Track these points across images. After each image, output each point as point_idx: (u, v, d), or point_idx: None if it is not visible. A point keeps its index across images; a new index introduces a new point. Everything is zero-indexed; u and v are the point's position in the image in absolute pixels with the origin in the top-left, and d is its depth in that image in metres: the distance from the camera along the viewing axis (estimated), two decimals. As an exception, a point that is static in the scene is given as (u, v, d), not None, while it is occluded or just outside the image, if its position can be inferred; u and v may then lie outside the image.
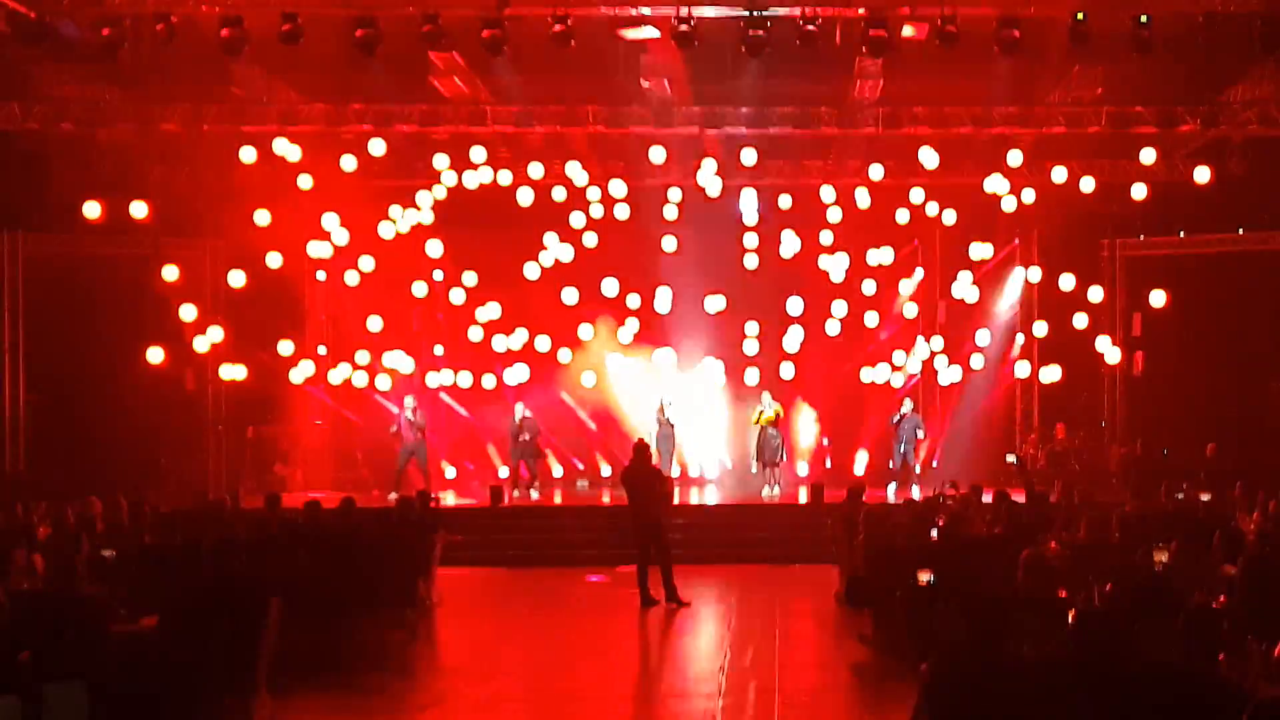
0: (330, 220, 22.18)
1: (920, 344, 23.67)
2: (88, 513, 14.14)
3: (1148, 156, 21.02)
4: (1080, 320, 22.30)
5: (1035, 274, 23.32)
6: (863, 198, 22.14)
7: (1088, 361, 23.47)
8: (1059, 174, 21.39)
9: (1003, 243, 23.55)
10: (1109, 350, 22.77)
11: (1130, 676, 6.26)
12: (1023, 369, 23.48)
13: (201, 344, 21.61)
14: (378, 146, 20.91)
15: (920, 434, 22.32)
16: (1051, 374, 23.06)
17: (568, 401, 23.81)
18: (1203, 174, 20.48)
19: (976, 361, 23.30)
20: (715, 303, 23.14)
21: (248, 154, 20.67)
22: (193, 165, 21.44)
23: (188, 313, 21.48)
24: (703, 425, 23.95)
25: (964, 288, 22.83)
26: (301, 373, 22.94)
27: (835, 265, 22.93)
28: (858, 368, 23.60)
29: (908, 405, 22.31)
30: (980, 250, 22.81)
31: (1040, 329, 23.10)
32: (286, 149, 20.84)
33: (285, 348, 22.44)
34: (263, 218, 21.45)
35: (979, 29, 16.58)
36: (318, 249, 22.57)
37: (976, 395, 23.85)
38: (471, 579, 17.58)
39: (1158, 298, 22.25)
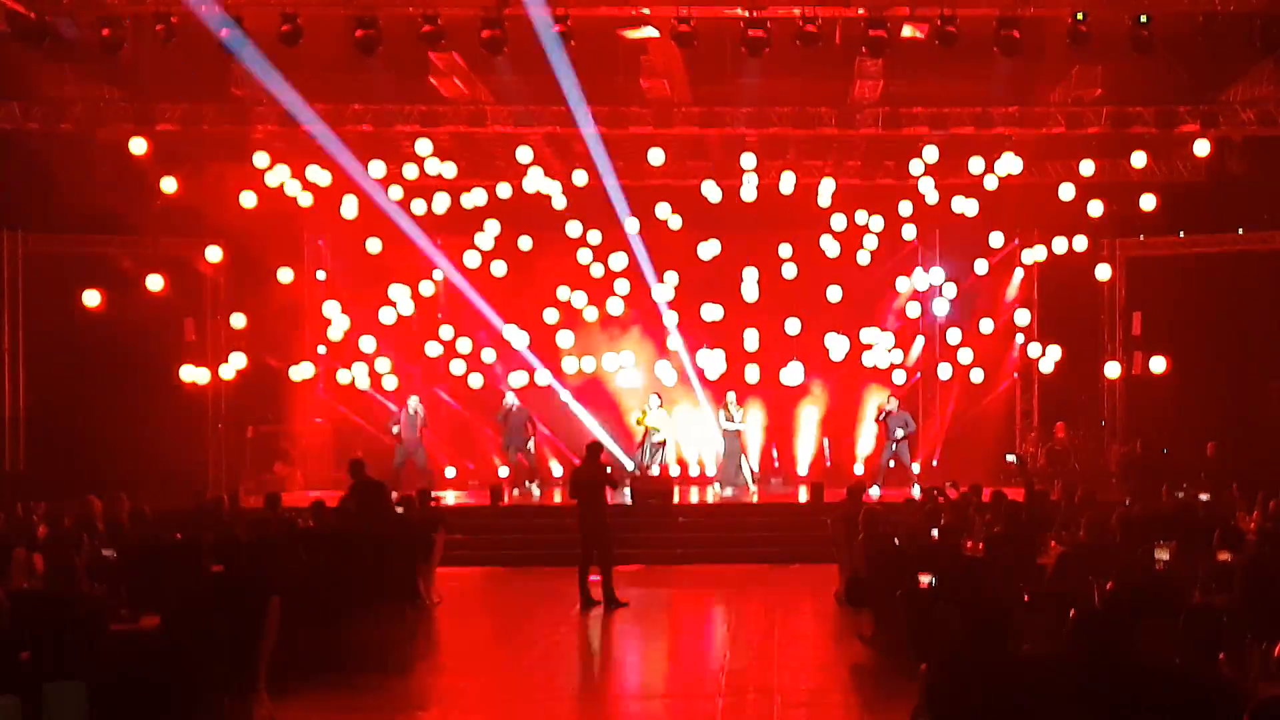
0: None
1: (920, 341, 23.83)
2: (87, 513, 14.14)
3: (1139, 161, 21.06)
4: (1080, 251, 22.38)
5: (1039, 252, 23.24)
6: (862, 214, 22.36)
7: (1088, 360, 23.53)
8: (1066, 191, 21.50)
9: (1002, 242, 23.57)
10: (1109, 366, 23.02)
11: (1130, 676, 6.26)
12: (1033, 350, 23.39)
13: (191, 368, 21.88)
14: (378, 168, 21.22)
15: (903, 430, 22.14)
16: (1053, 355, 22.99)
17: (568, 400, 23.82)
18: (1202, 147, 20.42)
19: (976, 374, 23.37)
20: (713, 311, 23.16)
21: (254, 192, 21.13)
22: (192, 165, 21.43)
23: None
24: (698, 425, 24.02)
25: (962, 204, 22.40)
26: (301, 372, 22.99)
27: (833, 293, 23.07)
28: (858, 366, 23.60)
29: (893, 403, 22.27)
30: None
31: (1036, 254, 23.07)
32: (299, 193, 21.42)
33: (285, 275, 22.42)
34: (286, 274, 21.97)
35: (979, 29, 16.59)
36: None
37: (977, 393, 23.88)
38: (471, 579, 17.59)
39: (1158, 364, 22.30)
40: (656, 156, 20.99)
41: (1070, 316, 23.55)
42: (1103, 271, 23.04)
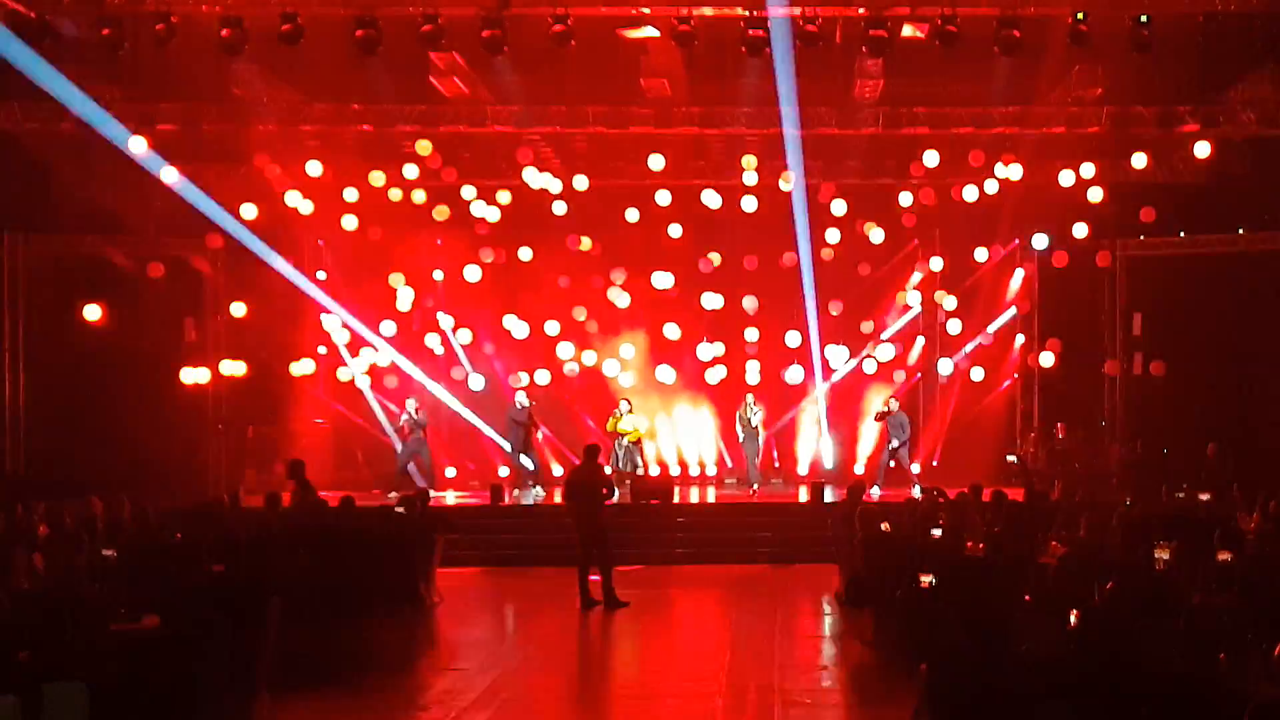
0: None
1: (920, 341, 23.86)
2: (88, 513, 14.15)
3: (1139, 162, 21.03)
4: (1081, 237, 22.23)
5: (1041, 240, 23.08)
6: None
7: (1088, 361, 23.51)
8: (1066, 177, 21.37)
9: (1002, 242, 23.56)
10: (1109, 366, 23.02)
11: (1130, 676, 6.26)
12: (1046, 359, 23.27)
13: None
14: (378, 178, 21.29)
15: (905, 431, 22.09)
16: (1052, 349, 22.96)
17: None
18: (1203, 149, 20.39)
19: (976, 373, 23.35)
20: (713, 299, 23.16)
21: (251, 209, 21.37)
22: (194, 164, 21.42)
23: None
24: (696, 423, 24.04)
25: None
26: (302, 368, 22.97)
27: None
28: (858, 367, 23.58)
29: (893, 404, 22.27)
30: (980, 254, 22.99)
31: (1040, 241, 22.96)
32: (299, 202, 21.54)
33: (284, 266, 22.35)
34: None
35: (979, 29, 16.59)
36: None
37: (977, 393, 23.89)
38: (471, 579, 17.59)
39: (1159, 369, 22.30)
40: (657, 162, 21.02)
41: (1070, 317, 23.53)
42: (1103, 258, 22.92)
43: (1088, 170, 21.38)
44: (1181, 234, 23.28)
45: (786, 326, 23.30)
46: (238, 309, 22.39)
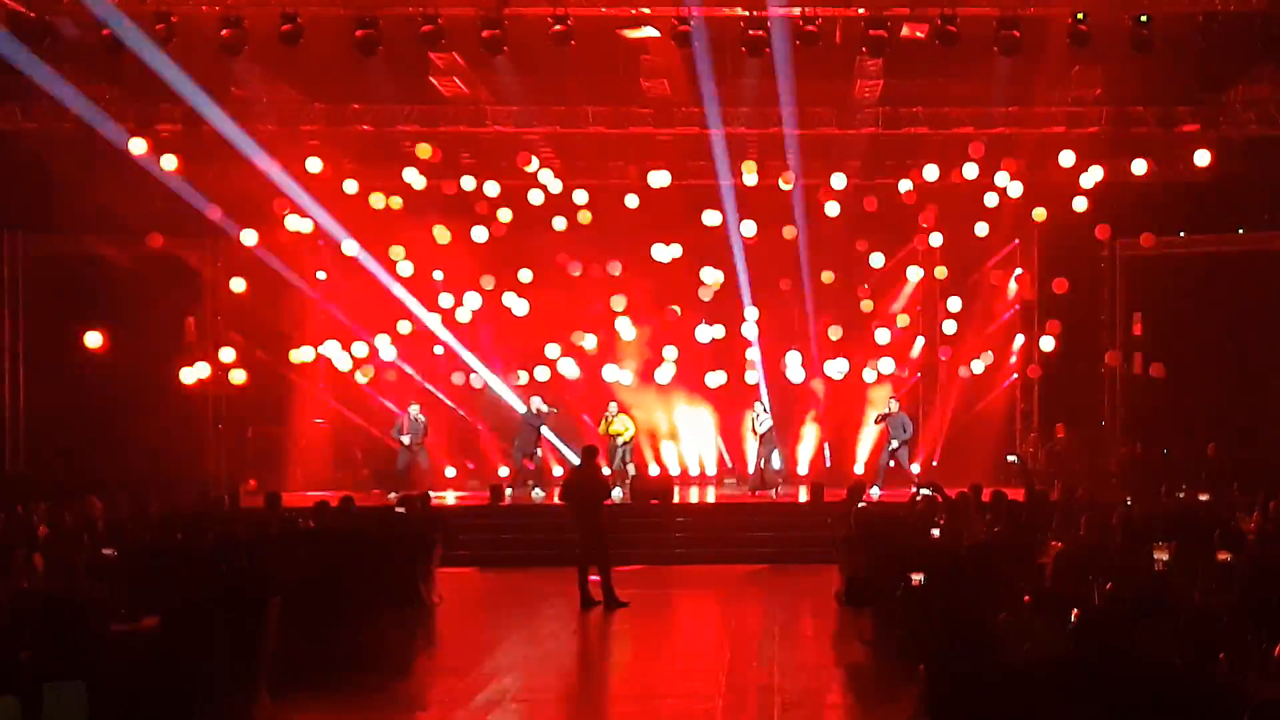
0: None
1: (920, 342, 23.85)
2: (88, 513, 14.15)
3: (1139, 168, 20.98)
4: (1080, 211, 22.01)
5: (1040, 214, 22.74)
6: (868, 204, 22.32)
7: (1088, 361, 23.51)
8: (1066, 158, 21.27)
9: (1002, 242, 23.55)
10: (1109, 353, 23.01)
11: (1130, 676, 6.26)
12: (1046, 343, 23.14)
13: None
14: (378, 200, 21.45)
15: (906, 432, 22.08)
16: (1048, 344, 22.93)
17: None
18: (1203, 157, 20.39)
19: (978, 367, 23.36)
20: (713, 274, 23.15)
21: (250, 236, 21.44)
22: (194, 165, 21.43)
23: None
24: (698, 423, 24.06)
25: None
26: (302, 355, 22.92)
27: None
28: (858, 367, 23.57)
29: (894, 405, 22.25)
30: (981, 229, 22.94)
31: (1038, 215, 22.67)
32: (299, 224, 21.71)
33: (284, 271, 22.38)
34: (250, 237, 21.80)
35: (979, 29, 16.61)
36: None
37: (977, 393, 23.88)
38: (471, 579, 17.59)
39: (1158, 371, 22.30)
40: (660, 178, 21.02)
41: (1071, 316, 23.54)
42: (1102, 231, 22.83)
43: (1087, 180, 21.32)
44: (1181, 234, 23.27)
45: (786, 322, 23.31)
46: (237, 284, 22.30)
